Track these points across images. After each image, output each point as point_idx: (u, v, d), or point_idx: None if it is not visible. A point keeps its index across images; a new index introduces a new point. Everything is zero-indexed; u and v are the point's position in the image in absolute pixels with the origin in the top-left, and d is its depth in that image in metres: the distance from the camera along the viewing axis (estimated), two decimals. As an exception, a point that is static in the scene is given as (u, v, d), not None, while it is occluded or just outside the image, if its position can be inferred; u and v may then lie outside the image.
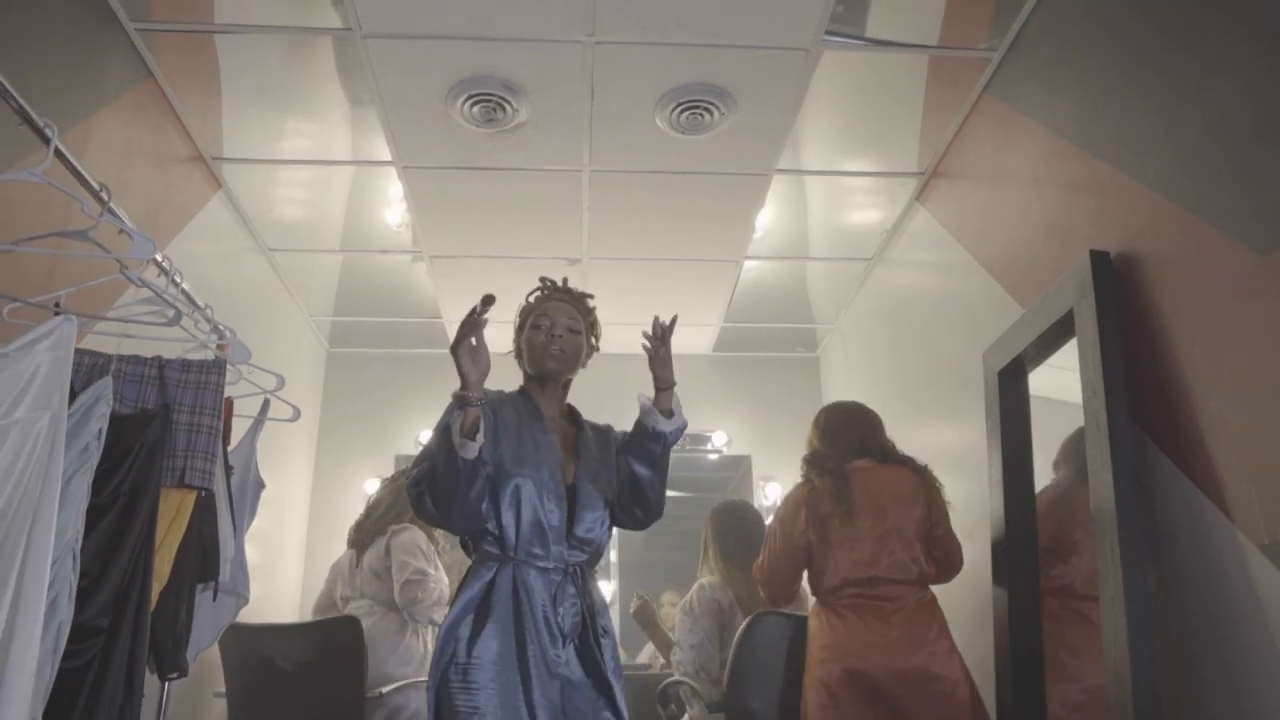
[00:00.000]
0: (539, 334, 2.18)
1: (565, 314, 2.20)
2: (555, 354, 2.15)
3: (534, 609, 1.94)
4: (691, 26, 2.60)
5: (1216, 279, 1.82)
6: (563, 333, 2.17)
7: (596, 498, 2.11)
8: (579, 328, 2.22)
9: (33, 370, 1.49)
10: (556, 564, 2.01)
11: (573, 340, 2.19)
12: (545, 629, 1.94)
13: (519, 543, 1.99)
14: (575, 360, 2.21)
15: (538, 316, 2.20)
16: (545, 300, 2.25)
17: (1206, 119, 1.86)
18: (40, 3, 2.20)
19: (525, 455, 2.06)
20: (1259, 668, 1.68)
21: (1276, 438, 1.65)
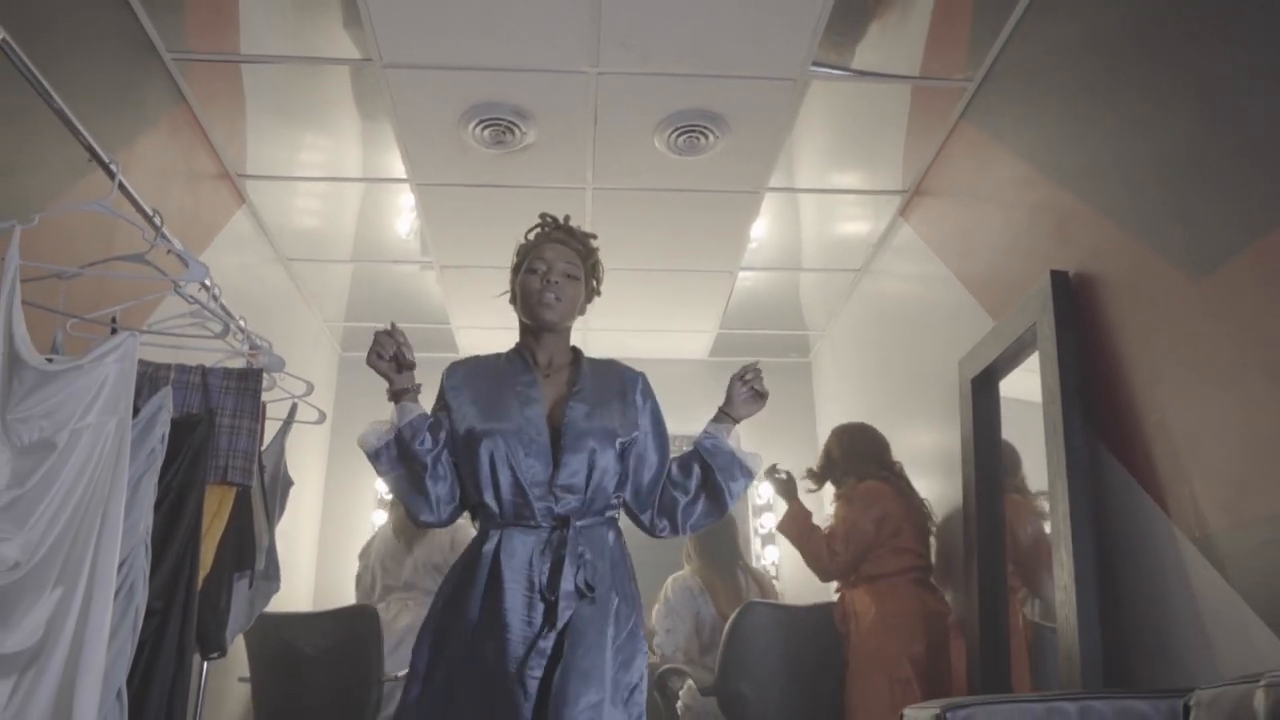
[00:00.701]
0: (534, 279, 2.00)
1: (563, 257, 2.03)
2: (550, 302, 1.99)
3: (513, 573, 1.82)
4: (688, 58, 2.80)
5: (1158, 299, 2.02)
6: (559, 279, 2.00)
7: (583, 439, 1.92)
8: (578, 272, 2.05)
9: (102, 380, 1.69)
10: (544, 520, 1.87)
11: (570, 287, 2.02)
12: (523, 594, 1.81)
13: (503, 507, 1.88)
14: (573, 308, 2.05)
15: (533, 260, 2.03)
16: (543, 241, 2.07)
17: (1152, 154, 2.06)
18: (89, 35, 2.40)
19: (495, 413, 1.93)
20: (1191, 648, 1.88)
21: (1208, 444, 1.85)
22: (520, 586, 1.82)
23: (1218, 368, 1.83)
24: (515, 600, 1.81)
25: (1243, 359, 1.76)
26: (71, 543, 1.59)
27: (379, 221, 3.87)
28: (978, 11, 2.65)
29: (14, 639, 1.50)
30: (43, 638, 1.53)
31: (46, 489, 1.57)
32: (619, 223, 3.73)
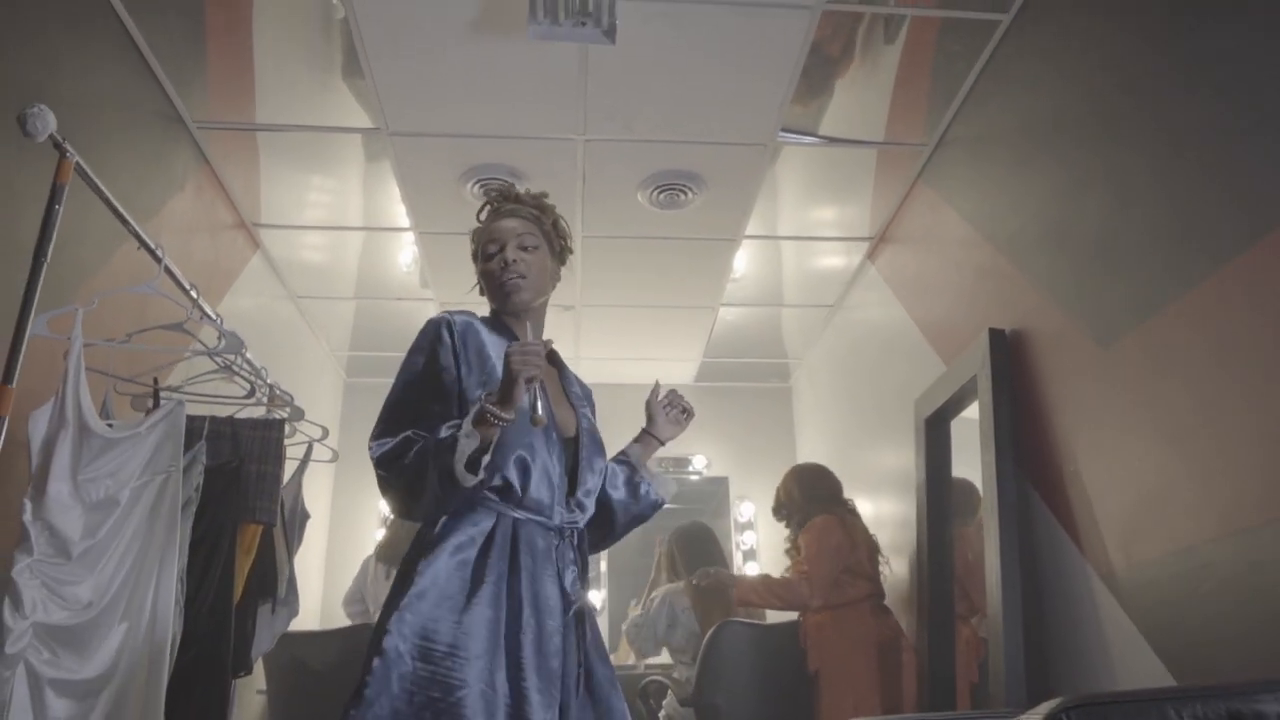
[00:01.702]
0: (492, 264, 1.87)
1: (515, 232, 1.87)
2: (515, 283, 1.84)
3: (538, 570, 1.69)
4: (667, 126, 3.08)
5: (1073, 362, 2.31)
6: (516, 255, 1.85)
7: (596, 455, 1.87)
8: (536, 239, 1.89)
9: (156, 444, 1.98)
10: (559, 525, 1.75)
11: (533, 260, 1.87)
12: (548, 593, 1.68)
13: (525, 497, 1.71)
14: (541, 280, 1.90)
15: (486, 243, 1.90)
16: (491, 219, 1.92)
17: (1070, 231, 2.35)
18: (127, 114, 2.68)
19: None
20: (1097, 669, 2.17)
21: (1109, 492, 2.15)
22: (552, 580, 1.70)
23: (1116, 427, 2.13)
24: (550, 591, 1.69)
25: (1134, 422, 2.05)
26: (135, 584, 1.88)
27: (382, 262, 4.15)
28: (933, 83, 2.92)
29: (90, 666, 1.79)
30: (113, 664, 1.82)
31: (112, 539, 1.86)
32: (607, 266, 4.02)
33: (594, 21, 2.42)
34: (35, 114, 1.61)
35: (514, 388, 1.58)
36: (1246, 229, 1.72)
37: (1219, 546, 1.77)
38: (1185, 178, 1.93)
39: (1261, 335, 1.69)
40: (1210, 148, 1.86)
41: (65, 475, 1.81)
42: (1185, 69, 1.93)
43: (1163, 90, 2.01)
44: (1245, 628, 1.70)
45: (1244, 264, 1.72)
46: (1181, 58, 1.95)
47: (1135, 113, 2.12)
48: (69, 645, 1.77)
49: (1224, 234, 1.79)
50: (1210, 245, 1.83)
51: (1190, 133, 1.92)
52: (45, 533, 1.77)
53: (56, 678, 1.74)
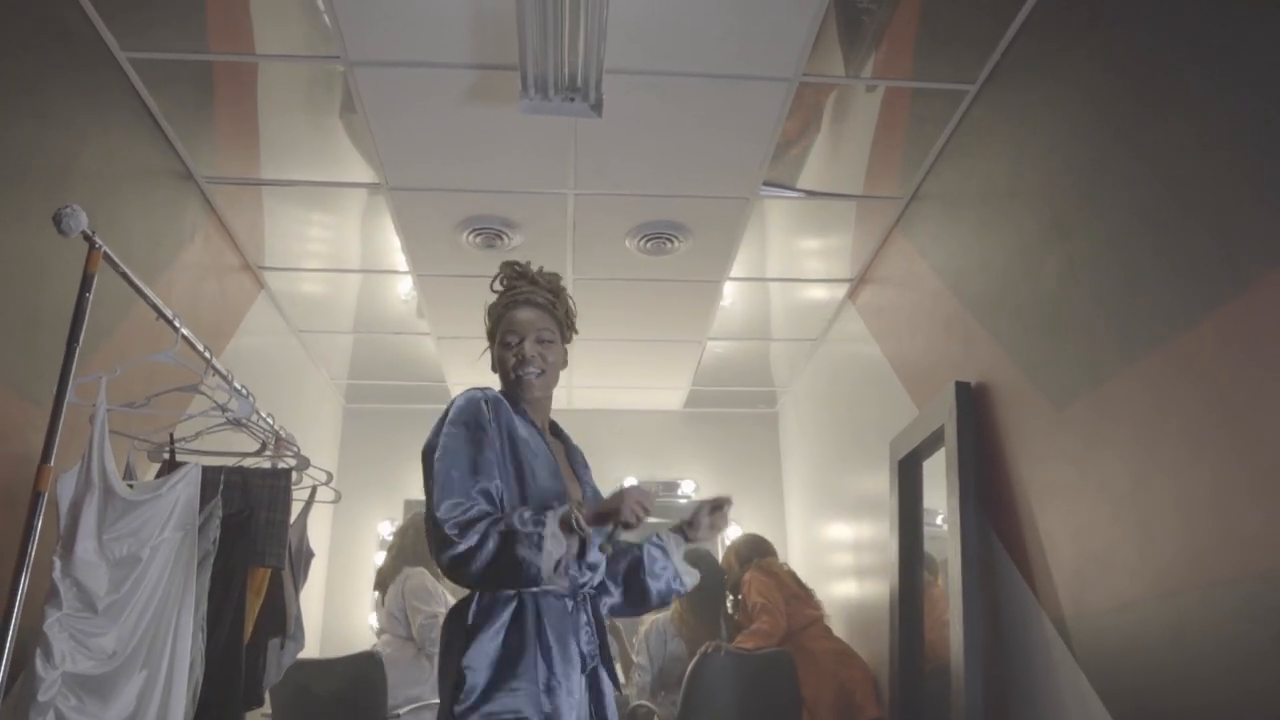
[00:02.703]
0: (509, 354, 1.95)
1: (534, 327, 1.96)
2: (531, 380, 1.94)
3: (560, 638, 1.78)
4: (653, 181, 3.25)
5: (1031, 420, 2.47)
6: (534, 352, 1.94)
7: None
8: (552, 334, 1.98)
9: (174, 503, 2.13)
10: (569, 592, 1.84)
11: (549, 353, 1.97)
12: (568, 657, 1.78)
13: None
14: (554, 373, 2.00)
15: (504, 332, 1.97)
16: (510, 307, 1.99)
17: (1028, 296, 2.51)
18: (137, 171, 2.83)
19: (545, 475, 1.88)
20: (1049, 708, 2.33)
21: (1060, 543, 2.31)
22: (575, 653, 1.80)
23: (1067, 484, 2.29)
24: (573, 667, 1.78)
25: (1083, 482, 2.21)
26: (154, 634, 2.03)
27: (380, 299, 4.31)
28: (909, 138, 3.06)
29: (113, 712, 1.94)
30: (134, 710, 1.98)
31: (134, 593, 2.02)
32: (597, 304, 4.18)
33: (582, 97, 2.58)
34: (69, 214, 1.77)
35: (613, 520, 1.69)
36: (1193, 305, 1.83)
37: (1150, 605, 1.93)
38: (1135, 251, 2.05)
39: (1192, 412, 1.84)
40: (1160, 221, 1.96)
41: (91, 535, 1.96)
42: (1138, 146, 2.05)
43: (1116, 164, 2.14)
44: (1176, 681, 1.86)
45: (1188, 339, 1.84)
46: (1135, 134, 2.07)
47: (1089, 182, 2.25)
48: (94, 693, 1.93)
49: (1171, 308, 1.90)
50: (1156, 319, 1.95)
51: (1140, 208, 2.04)
52: (73, 588, 1.93)
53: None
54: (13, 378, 2.18)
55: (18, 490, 2.08)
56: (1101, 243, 2.20)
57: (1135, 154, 2.08)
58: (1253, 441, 1.67)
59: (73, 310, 1.87)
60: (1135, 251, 2.07)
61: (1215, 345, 1.77)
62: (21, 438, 2.20)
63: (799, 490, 5.26)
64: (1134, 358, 2.03)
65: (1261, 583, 1.62)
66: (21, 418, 2.20)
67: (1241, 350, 1.71)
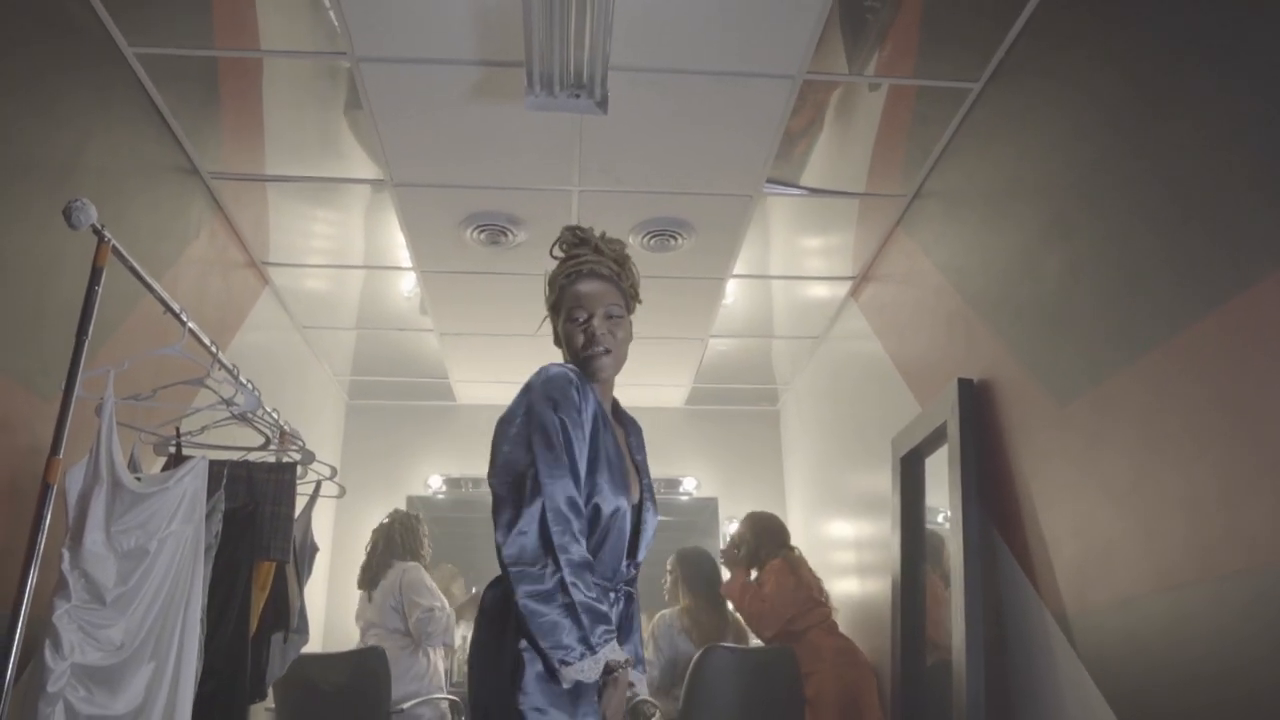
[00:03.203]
0: (577, 331, 1.86)
1: (603, 300, 1.87)
2: (603, 361, 1.86)
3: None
4: (656, 180, 3.26)
5: (1034, 417, 2.48)
6: (605, 329, 1.85)
7: (652, 523, 1.91)
8: (621, 308, 1.90)
9: (181, 495, 2.14)
10: (619, 586, 1.83)
11: (619, 328, 1.89)
12: None
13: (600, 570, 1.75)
14: (623, 350, 1.92)
15: (572, 307, 1.88)
16: (576, 279, 1.89)
17: (1031, 293, 2.52)
18: (143, 167, 2.84)
19: (618, 482, 1.80)
20: (1050, 702, 2.34)
21: (1062, 539, 2.32)
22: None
23: (1070, 480, 2.30)
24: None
25: (1085, 478, 2.22)
26: (162, 626, 2.05)
27: (384, 295, 4.32)
28: (911, 136, 3.08)
29: (121, 703, 1.95)
30: (142, 701, 1.99)
31: (142, 585, 2.03)
32: None
33: (587, 94, 2.59)
34: (79, 208, 1.78)
35: None
36: (1195, 302, 1.84)
37: (1154, 600, 1.94)
38: (1137, 249, 2.06)
39: (1195, 408, 1.85)
40: (1163, 219, 1.97)
41: (99, 527, 1.97)
42: (1140, 145, 2.06)
43: (1118, 162, 2.15)
44: (1180, 678, 1.87)
45: (1191, 335, 1.85)
46: (1137, 133, 2.08)
47: (1091, 181, 2.26)
48: (103, 684, 1.94)
49: (1174, 305, 1.91)
50: (1159, 316, 1.96)
51: (1143, 206, 2.05)
52: (82, 580, 1.94)
53: (92, 714, 1.90)
54: (18, 372, 2.19)
55: (25, 483, 2.10)
56: (1104, 240, 2.21)
57: (1137, 153, 2.09)
58: (1257, 436, 1.68)
59: (81, 304, 1.87)
60: (1137, 249, 2.08)
61: (1218, 341, 1.78)
62: (29, 431, 2.21)
63: (800, 487, 5.27)
64: (1136, 354, 2.04)
65: (1267, 577, 1.63)
66: (29, 411, 2.21)
67: (1245, 346, 1.72)
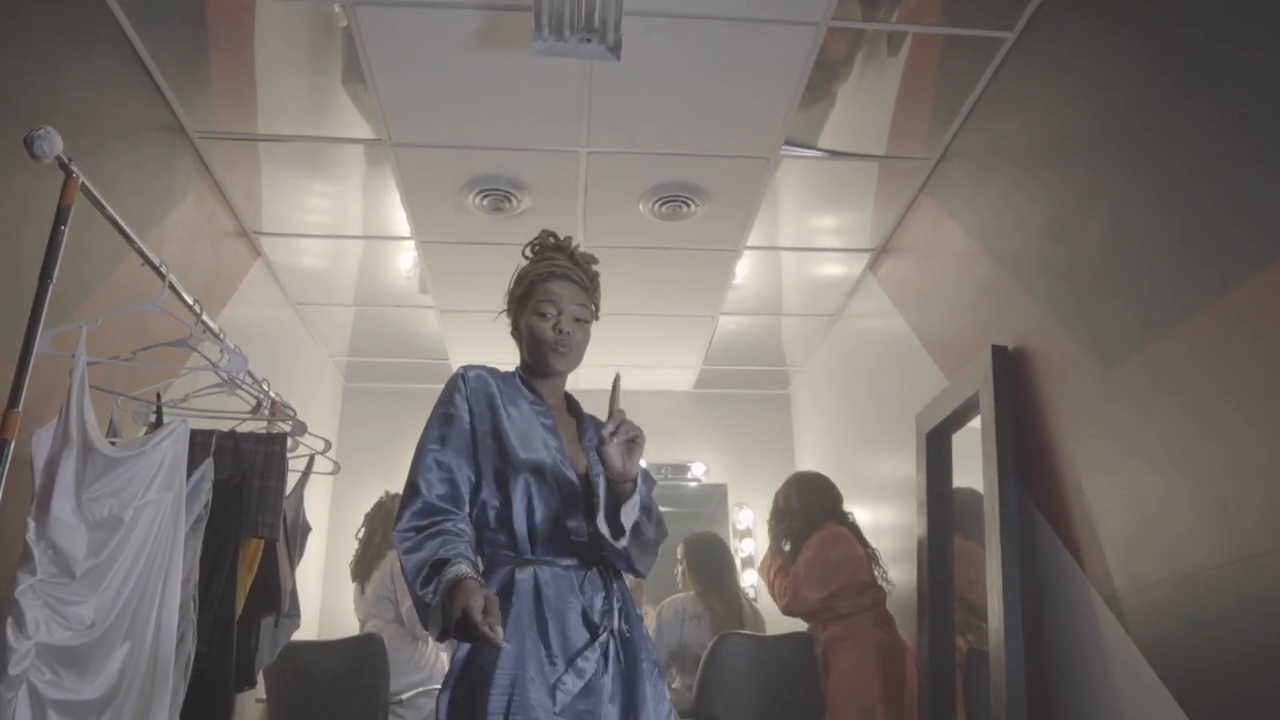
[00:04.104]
0: (543, 324, 1.89)
1: (573, 298, 1.92)
2: (562, 352, 1.90)
3: (561, 606, 1.73)
4: (669, 139, 3.09)
5: (1078, 382, 2.31)
6: (569, 326, 1.90)
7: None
8: (587, 312, 1.96)
9: (159, 462, 1.97)
10: (580, 559, 1.79)
11: (580, 331, 1.94)
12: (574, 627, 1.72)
13: (535, 545, 1.77)
14: (581, 353, 1.96)
15: (540, 300, 1.90)
16: (549, 276, 1.92)
17: (1072, 252, 2.35)
18: (128, 126, 2.67)
19: (529, 445, 1.82)
20: (1098, 689, 2.17)
21: (1115, 513, 2.15)
22: (578, 623, 1.73)
23: (1119, 447, 2.13)
24: (576, 636, 1.71)
25: (1138, 443, 2.05)
26: (138, 603, 1.88)
27: (382, 270, 4.15)
28: (936, 97, 2.92)
29: (93, 687, 1.78)
30: (115, 684, 1.82)
31: (116, 558, 1.86)
32: (606, 274, 3.91)
33: (599, 38, 2.42)
34: (42, 136, 1.61)
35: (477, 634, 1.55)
36: (1253, 256, 1.72)
37: (1221, 573, 1.77)
38: (1190, 201, 1.93)
39: (1267, 362, 1.69)
40: (1217, 171, 1.85)
41: (69, 494, 1.81)
42: (1193, 90, 1.93)
43: (1169, 111, 2.00)
44: (1249, 655, 1.71)
45: (1249, 291, 1.72)
46: (1190, 78, 1.94)
47: (1140, 132, 2.11)
48: (72, 666, 1.77)
49: (1230, 260, 1.78)
50: (1216, 270, 1.82)
51: (1197, 155, 1.91)
52: (49, 552, 1.77)
53: (59, 699, 1.74)
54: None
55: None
56: (1152, 193, 2.06)
57: (1189, 96, 1.93)
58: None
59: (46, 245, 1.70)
60: (1190, 201, 1.93)
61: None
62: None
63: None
64: (1192, 310, 1.88)
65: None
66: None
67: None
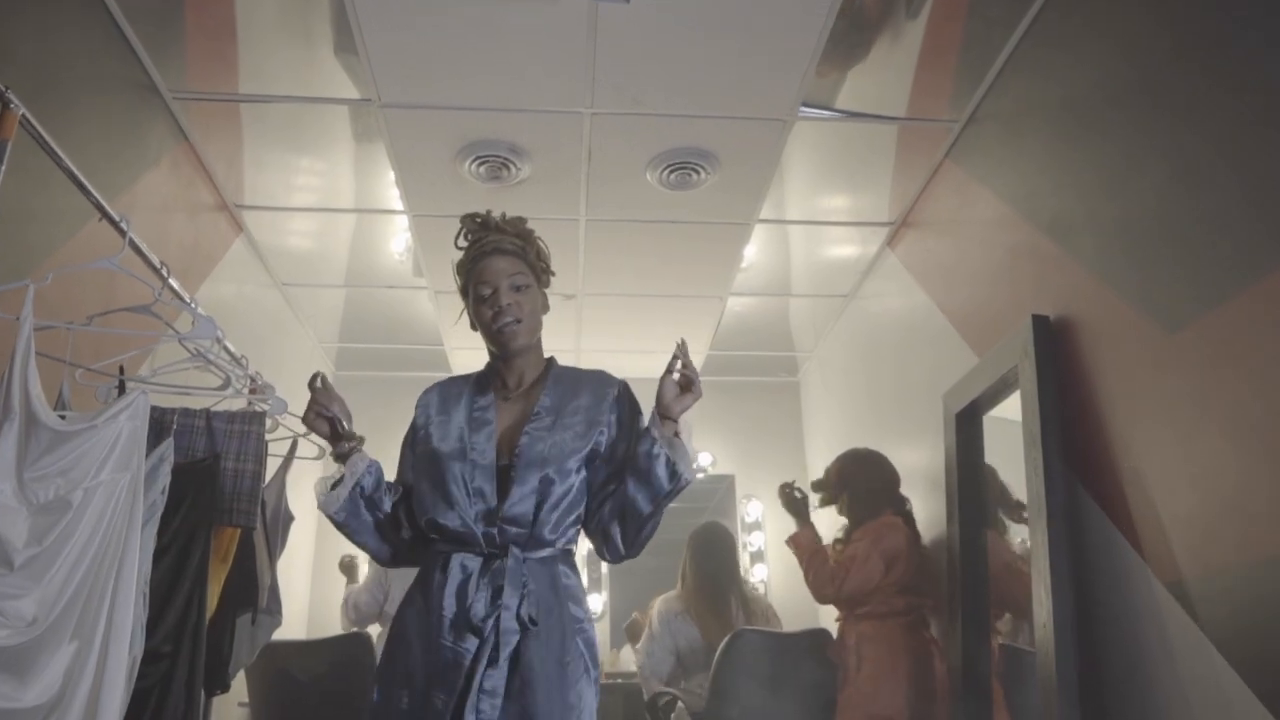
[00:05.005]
0: (484, 307, 1.85)
1: (506, 270, 1.85)
2: (510, 329, 1.84)
3: (442, 599, 1.73)
4: (679, 100, 2.86)
5: (1134, 350, 2.09)
6: (511, 299, 1.84)
7: (533, 469, 1.78)
8: (527, 278, 1.88)
9: (114, 438, 1.75)
10: (487, 547, 1.76)
11: (526, 299, 1.86)
12: (452, 619, 1.71)
13: (445, 533, 1.78)
14: (535, 320, 1.90)
15: (476, 284, 1.87)
16: (478, 257, 1.88)
17: (1124, 210, 2.14)
18: (94, 81, 2.45)
19: (447, 436, 1.84)
20: (1165, 689, 1.96)
21: (1177, 492, 1.93)
22: (456, 612, 1.71)
23: (1184, 420, 1.91)
24: (453, 625, 1.71)
25: (1206, 414, 1.84)
26: (87, 597, 1.65)
27: (373, 248, 3.93)
28: (962, 56, 2.72)
29: (32, 693, 1.56)
30: (60, 690, 1.60)
31: (62, 546, 1.63)
32: (612, 251, 3.80)
33: (605, -25, 2.20)
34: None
35: (312, 427, 1.92)
36: None
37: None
38: (1256, 155, 1.72)
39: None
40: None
41: (9, 473, 1.58)
42: (1258, 31, 1.72)
43: (1230, 55, 1.80)
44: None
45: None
46: (1252, 18, 1.73)
47: (1199, 82, 1.90)
48: (9, 669, 1.55)
49: None
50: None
51: (1262, 105, 1.70)
52: (-15, 539, 1.55)
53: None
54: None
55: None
56: (1216, 147, 1.84)
57: (1256, 38, 1.72)
58: None
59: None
60: (1258, 153, 1.71)
61: None
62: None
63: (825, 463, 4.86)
64: (1268, 270, 1.67)
65: None
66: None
67: None
